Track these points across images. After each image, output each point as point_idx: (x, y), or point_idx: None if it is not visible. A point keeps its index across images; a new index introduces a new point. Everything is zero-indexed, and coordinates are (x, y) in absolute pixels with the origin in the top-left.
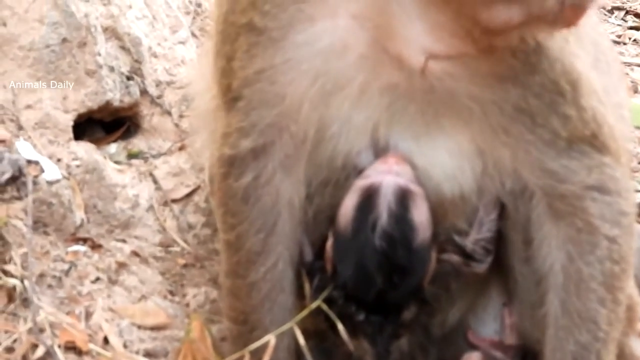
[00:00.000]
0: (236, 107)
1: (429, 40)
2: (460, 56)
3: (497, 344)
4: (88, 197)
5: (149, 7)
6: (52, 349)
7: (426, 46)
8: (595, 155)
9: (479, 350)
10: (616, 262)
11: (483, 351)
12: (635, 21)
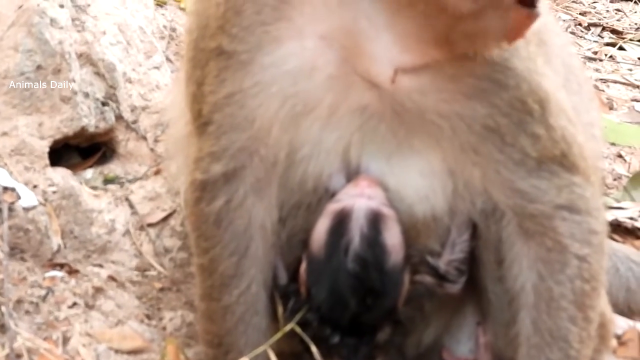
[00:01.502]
0: (207, 131)
1: (397, 51)
2: (428, 66)
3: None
4: (65, 223)
5: (123, 33)
6: None
7: (394, 58)
8: (565, 174)
9: None
10: (587, 281)
11: None
12: (611, 37)
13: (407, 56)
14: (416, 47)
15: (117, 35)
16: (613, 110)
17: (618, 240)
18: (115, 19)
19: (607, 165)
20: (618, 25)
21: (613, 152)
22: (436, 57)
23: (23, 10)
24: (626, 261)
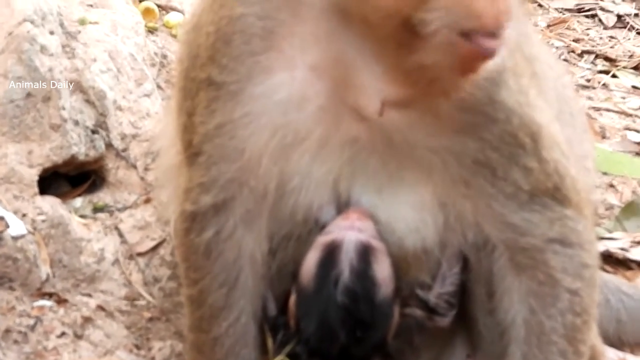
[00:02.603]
0: (197, 162)
1: (383, 83)
2: (414, 100)
3: None
4: (53, 252)
5: (114, 60)
6: None
7: (381, 90)
8: (557, 207)
9: None
10: (578, 315)
11: None
12: (604, 65)
13: (393, 89)
14: (399, 80)
15: (108, 63)
16: (606, 139)
17: (609, 271)
18: (106, 45)
19: (599, 195)
20: (611, 53)
21: (605, 182)
22: (415, 95)
23: (13, 37)
24: (617, 293)
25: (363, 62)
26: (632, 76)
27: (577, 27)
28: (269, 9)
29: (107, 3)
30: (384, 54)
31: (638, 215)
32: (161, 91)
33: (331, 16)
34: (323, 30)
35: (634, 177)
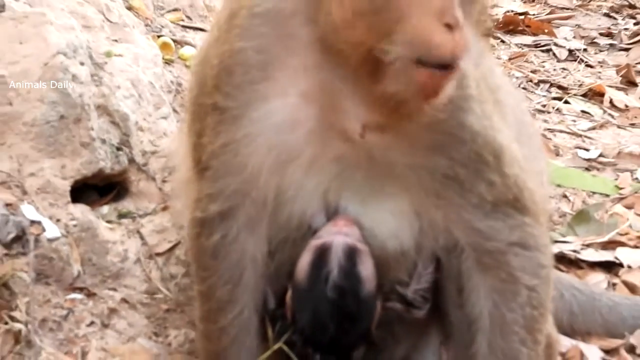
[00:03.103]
0: (205, 176)
1: (363, 109)
2: (390, 125)
3: None
4: (84, 252)
5: (136, 87)
6: None
7: (361, 115)
8: (517, 216)
9: None
10: (535, 308)
11: None
12: (558, 92)
13: (371, 115)
14: (379, 110)
15: (130, 89)
16: (559, 156)
17: (563, 270)
18: (129, 75)
19: (554, 204)
20: (564, 82)
21: (559, 193)
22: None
23: (48, 67)
24: (570, 288)
25: (345, 90)
26: (581, 102)
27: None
28: (265, 44)
29: (130, 38)
30: (359, 83)
31: (587, 222)
32: (176, 114)
33: (317, 49)
34: (311, 62)
35: (583, 189)
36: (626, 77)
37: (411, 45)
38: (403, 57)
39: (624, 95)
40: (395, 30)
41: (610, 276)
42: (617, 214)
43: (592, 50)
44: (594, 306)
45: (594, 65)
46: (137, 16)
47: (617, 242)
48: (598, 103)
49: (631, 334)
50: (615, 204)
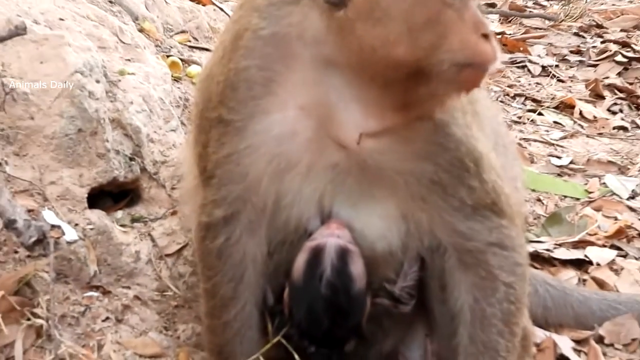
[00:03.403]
0: (210, 184)
1: (361, 118)
2: (386, 132)
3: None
4: (100, 254)
5: (147, 103)
6: None
7: (359, 124)
8: (495, 218)
9: None
10: (512, 303)
11: None
12: (532, 105)
13: (370, 122)
14: (377, 115)
15: (142, 104)
16: (534, 164)
17: (537, 267)
18: (141, 91)
19: (529, 207)
20: (537, 96)
21: (533, 197)
22: (394, 121)
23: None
24: (543, 284)
25: (343, 102)
26: (554, 114)
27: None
28: (267, 62)
29: (141, 58)
30: (365, 96)
31: (560, 223)
32: (184, 127)
33: (316, 67)
34: (310, 78)
35: (556, 193)
36: (594, 90)
37: (461, 54)
38: (453, 64)
39: (592, 107)
40: (442, 44)
41: (580, 273)
42: (586, 216)
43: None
44: (565, 300)
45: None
46: (148, 38)
47: (586, 242)
48: (569, 114)
49: (600, 326)
50: (585, 207)
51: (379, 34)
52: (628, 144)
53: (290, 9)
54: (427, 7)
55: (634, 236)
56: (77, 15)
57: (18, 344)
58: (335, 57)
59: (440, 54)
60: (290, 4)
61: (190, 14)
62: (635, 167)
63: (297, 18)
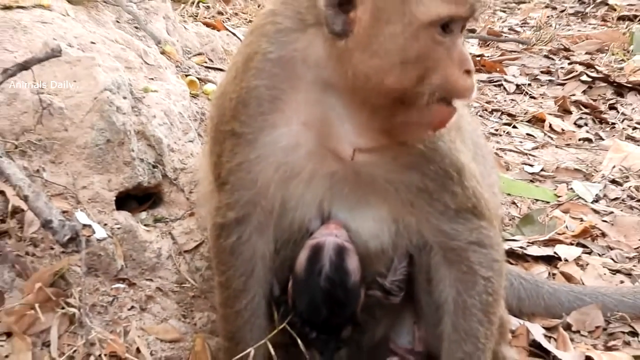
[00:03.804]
0: (224, 189)
1: (355, 136)
2: (377, 148)
3: (410, 351)
4: (126, 250)
5: (168, 117)
6: (100, 357)
7: (353, 141)
8: (475, 220)
9: (397, 356)
10: (490, 295)
11: (400, 356)
12: (507, 119)
13: (362, 140)
14: (367, 135)
15: (164, 118)
16: (509, 171)
17: (512, 263)
18: (162, 107)
19: (505, 209)
20: (512, 111)
21: (509, 201)
22: (380, 142)
23: (97, 101)
24: (518, 278)
25: (339, 121)
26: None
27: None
28: (274, 82)
29: (163, 77)
30: (358, 116)
31: (532, 224)
32: (200, 138)
33: (318, 88)
34: (312, 98)
35: (528, 197)
36: (562, 106)
37: (442, 87)
38: (431, 96)
39: (560, 121)
40: (429, 76)
41: (550, 268)
42: (555, 217)
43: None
44: (537, 292)
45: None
46: (169, 59)
47: (556, 240)
48: (540, 127)
49: (568, 315)
50: (554, 209)
51: (374, 64)
52: (592, 153)
53: (297, 36)
54: (420, 45)
55: (598, 235)
56: (106, 40)
57: (53, 330)
58: (334, 80)
59: (424, 86)
60: (296, 32)
61: (207, 39)
62: (598, 174)
63: (302, 44)
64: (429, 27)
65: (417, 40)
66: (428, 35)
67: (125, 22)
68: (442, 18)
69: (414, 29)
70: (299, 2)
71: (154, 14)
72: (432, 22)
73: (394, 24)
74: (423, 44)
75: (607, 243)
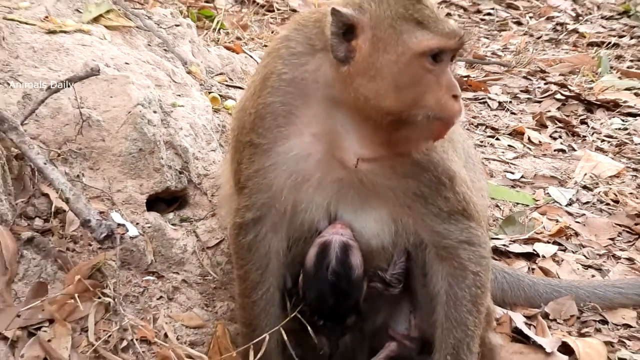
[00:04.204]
0: (243, 192)
1: (358, 147)
2: (378, 158)
3: (406, 337)
4: (155, 246)
5: (193, 129)
6: (132, 342)
7: (356, 152)
8: (465, 221)
9: (395, 341)
10: (478, 288)
11: (398, 341)
12: (491, 132)
13: (365, 151)
14: (369, 147)
15: (189, 130)
16: (493, 178)
17: (496, 259)
18: (188, 120)
19: (490, 212)
20: (495, 125)
21: (493, 204)
22: (381, 154)
23: (130, 114)
24: (501, 272)
25: (346, 133)
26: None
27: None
28: (288, 99)
29: (189, 94)
30: (362, 130)
31: (513, 224)
32: (222, 148)
33: (327, 104)
34: (322, 113)
35: (510, 200)
36: (539, 121)
37: (435, 109)
38: (427, 116)
39: (538, 134)
40: (421, 100)
41: (530, 263)
42: (534, 218)
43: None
44: (518, 285)
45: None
46: (194, 78)
47: (534, 239)
48: (520, 140)
49: (546, 305)
50: (533, 211)
51: (372, 87)
52: (566, 162)
53: (307, 59)
54: (412, 72)
55: (572, 235)
56: (139, 60)
57: (91, 317)
58: (341, 98)
59: (418, 108)
60: (307, 55)
61: (227, 60)
62: (571, 180)
63: (312, 67)
64: (420, 57)
65: (410, 68)
66: (419, 63)
67: (156, 45)
68: (432, 49)
69: (407, 58)
70: (309, 29)
71: (181, 38)
72: (423, 52)
73: (390, 53)
74: (415, 71)
75: (580, 242)
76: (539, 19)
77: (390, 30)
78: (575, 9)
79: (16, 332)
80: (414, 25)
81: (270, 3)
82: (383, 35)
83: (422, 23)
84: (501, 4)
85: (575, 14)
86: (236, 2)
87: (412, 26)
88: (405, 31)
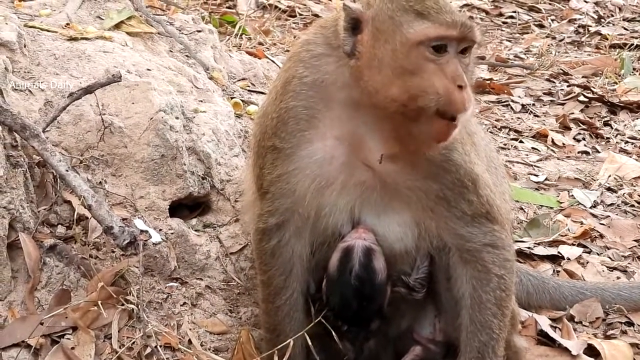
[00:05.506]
0: (266, 198)
1: (381, 143)
2: (400, 155)
3: (431, 341)
4: (179, 252)
5: (215, 134)
6: (156, 348)
7: (380, 147)
8: (489, 224)
9: (420, 345)
10: (503, 291)
11: (423, 345)
12: (514, 135)
13: (387, 146)
14: (392, 143)
15: (212, 136)
16: (517, 181)
17: (521, 261)
18: (210, 125)
19: (514, 215)
20: (519, 127)
21: (517, 206)
22: (404, 150)
23: (153, 120)
24: (526, 275)
25: (368, 134)
26: (532, 142)
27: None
28: (311, 103)
29: (211, 99)
30: (383, 128)
31: (538, 227)
32: (244, 153)
33: (349, 107)
34: (344, 116)
35: (534, 203)
36: (563, 123)
37: (436, 100)
38: (428, 109)
39: (561, 137)
40: (426, 89)
41: (555, 266)
42: (559, 221)
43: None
44: (543, 288)
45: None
46: (216, 84)
47: (559, 242)
48: (543, 142)
49: (571, 307)
50: (558, 214)
51: (378, 79)
52: (590, 164)
53: (327, 60)
54: (413, 61)
55: (596, 237)
56: (161, 67)
57: (114, 324)
58: (359, 99)
59: (425, 97)
60: (327, 56)
61: (249, 65)
62: (596, 182)
63: (332, 67)
64: (418, 46)
65: (409, 57)
66: (419, 53)
67: (178, 51)
68: (430, 39)
69: (407, 48)
70: (328, 30)
71: (202, 44)
72: (421, 42)
73: (390, 43)
74: (414, 60)
75: (605, 243)
76: (560, 21)
77: (389, 22)
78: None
79: (39, 340)
80: (414, 17)
81: (292, 8)
82: (383, 27)
83: (422, 14)
84: (523, 7)
85: (597, 16)
86: (258, 7)
87: (412, 17)
88: (404, 22)
